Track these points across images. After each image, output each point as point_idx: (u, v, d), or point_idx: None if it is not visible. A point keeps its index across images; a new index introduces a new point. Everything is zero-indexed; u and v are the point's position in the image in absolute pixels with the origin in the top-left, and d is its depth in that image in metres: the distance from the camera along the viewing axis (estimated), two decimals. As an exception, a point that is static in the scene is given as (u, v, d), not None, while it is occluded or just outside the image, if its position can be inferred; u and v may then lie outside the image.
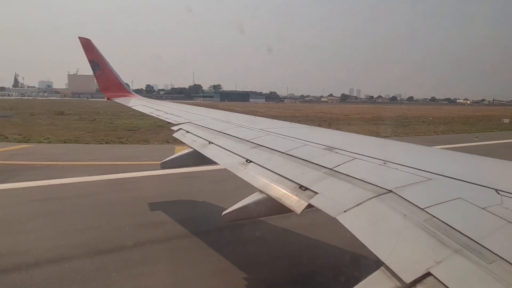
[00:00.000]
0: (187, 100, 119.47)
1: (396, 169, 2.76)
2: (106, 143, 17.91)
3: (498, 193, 2.10)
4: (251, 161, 3.72)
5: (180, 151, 6.30)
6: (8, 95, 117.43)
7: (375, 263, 1.84)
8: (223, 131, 5.25)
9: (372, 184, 2.50)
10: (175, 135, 6.22)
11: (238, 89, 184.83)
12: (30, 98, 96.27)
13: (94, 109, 46.42)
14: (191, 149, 5.52)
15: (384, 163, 2.91)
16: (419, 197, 2.19)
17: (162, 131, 22.52)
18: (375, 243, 1.93)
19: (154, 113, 8.26)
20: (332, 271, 5.78)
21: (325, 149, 3.59)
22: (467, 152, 3.48)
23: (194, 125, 6.33)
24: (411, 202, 2.13)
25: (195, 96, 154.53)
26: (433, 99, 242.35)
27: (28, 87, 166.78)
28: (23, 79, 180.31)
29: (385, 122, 38.38)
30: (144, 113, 8.82)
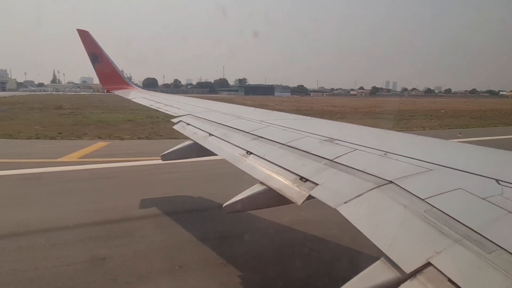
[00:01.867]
0: (212, 94, 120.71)
1: (397, 160, 2.76)
2: (36, 138, 16.96)
3: (499, 183, 2.09)
4: (251, 153, 3.72)
5: (181, 144, 6.27)
6: (44, 91, 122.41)
7: (376, 254, 1.85)
8: (223, 123, 5.24)
9: (372, 175, 2.50)
10: (175, 127, 6.20)
11: (267, 83, 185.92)
12: (60, 93, 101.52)
13: (101, 103, 45.64)
14: (192, 141, 5.52)
15: (385, 154, 2.91)
16: (419, 187, 2.19)
17: (120, 125, 22.10)
18: (376, 233, 1.94)
19: (154, 106, 8.22)
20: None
21: (325, 140, 3.59)
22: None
23: (194, 117, 6.31)
24: (411, 193, 2.13)
25: (220, 90, 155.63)
26: (473, 91, 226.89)
27: (68, 82, 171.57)
28: (63, 75, 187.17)
29: (382, 116, 36.87)
30: (145, 106, 8.76)
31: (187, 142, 5.98)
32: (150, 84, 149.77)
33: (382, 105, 61.76)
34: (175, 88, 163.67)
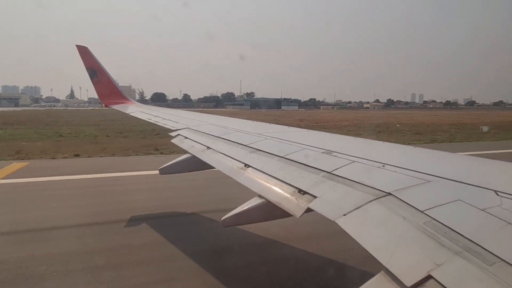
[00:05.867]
0: (218, 109, 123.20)
1: (395, 171, 2.75)
2: None
3: (498, 195, 2.09)
4: (249, 166, 3.71)
5: (178, 157, 6.26)
6: (54, 106, 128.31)
7: (375, 267, 1.83)
8: (221, 136, 5.24)
9: (371, 187, 2.49)
10: (173, 141, 6.20)
11: (283, 97, 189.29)
12: (62, 108, 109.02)
13: (72, 119, 45.74)
14: (190, 155, 5.52)
15: (383, 166, 2.91)
16: (418, 199, 2.18)
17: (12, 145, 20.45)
18: (375, 246, 1.92)
19: (152, 120, 8.24)
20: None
21: (323, 152, 3.59)
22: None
23: (192, 130, 6.33)
24: (410, 205, 2.12)
25: (226, 104, 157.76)
26: (497, 104, 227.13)
27: (89, 98, 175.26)
28: (87, 91, 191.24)
29: (335, 130, 34.00)
30: (142, 120, 8.78)
31: (184, 156, 5.97)
32: (158, 99, 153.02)
33: (365, 118, 60.15)
34: (185, 102, 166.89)
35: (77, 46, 10.39)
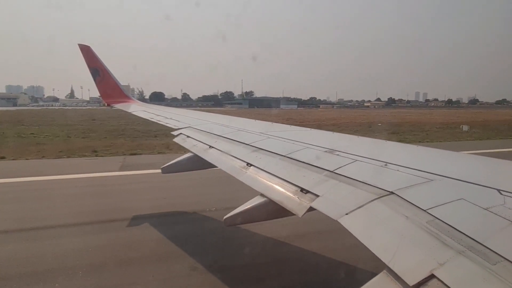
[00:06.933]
0: (217, 108, 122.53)
1: (398, 170, 2.75)
2: None
3: (501, 193, 2.08)
4: (251, 165, 3.71)
5: (181, 156, 6.28)
6: (52, 106, 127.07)
7: (378, 266, 1.83)
8: (223, 135, 5.25)
9: (373, 186, 2.49)
10: (175, 140, 6.22)
11: (285, 96, 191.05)
12: (57, 108, 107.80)
13: (56, 119, 44.25)
14: (192, 154, 5.53)
15: (385, 165, 2.90)
16: (421, 198, 2.18)
17: None
18: (378, 245, 1.91)
19: (154, 118, 8.25)
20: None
21: (326, 151, 3.59)
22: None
23: (194, 129, 6.34)
24: (413, 204, 2.11)
25: (225, 103, 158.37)
26: (500, 102, 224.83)
27: (91, 97, 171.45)
28: (88, 90, 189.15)
29: (324, 128, 33.67)
30: (143, 119, 8.79)
31: (187, 155, 5.98)
32: (156, 98, 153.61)
33: (356, 117, 58.37)
34: (184, 101, 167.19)
35: (80, 45, 10.43)
